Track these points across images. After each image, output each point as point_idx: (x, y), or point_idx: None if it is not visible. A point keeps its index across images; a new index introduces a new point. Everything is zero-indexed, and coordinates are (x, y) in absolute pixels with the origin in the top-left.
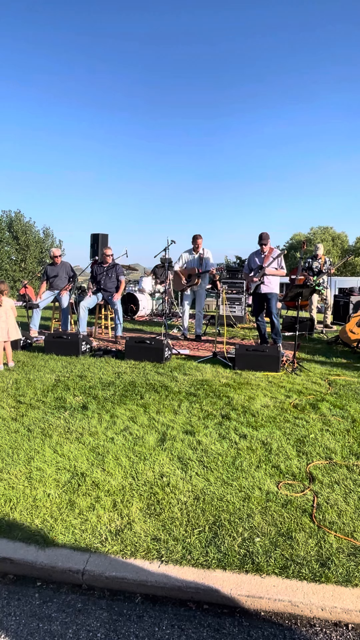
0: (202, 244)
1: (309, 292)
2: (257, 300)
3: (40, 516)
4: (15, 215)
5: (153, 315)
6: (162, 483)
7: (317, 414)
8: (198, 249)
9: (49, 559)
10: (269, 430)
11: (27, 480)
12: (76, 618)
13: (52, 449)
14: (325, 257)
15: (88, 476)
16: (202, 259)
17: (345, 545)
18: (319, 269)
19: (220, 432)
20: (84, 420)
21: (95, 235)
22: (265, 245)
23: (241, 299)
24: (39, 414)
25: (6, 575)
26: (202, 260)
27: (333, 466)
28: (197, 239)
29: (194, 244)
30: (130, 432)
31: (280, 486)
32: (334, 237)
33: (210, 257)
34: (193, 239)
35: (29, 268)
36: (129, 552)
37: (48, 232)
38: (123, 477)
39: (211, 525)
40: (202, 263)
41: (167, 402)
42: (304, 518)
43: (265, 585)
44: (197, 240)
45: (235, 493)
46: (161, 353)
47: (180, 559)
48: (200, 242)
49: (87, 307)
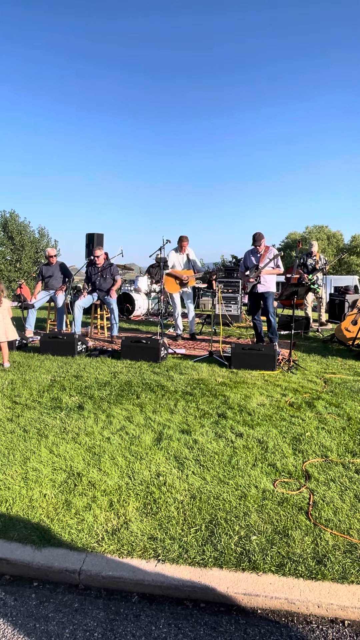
0: (187, 246)
1: (305, 291)
2: (254, 299)
3: (37, 516)
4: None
5: (149, 314)
6: (159, 482)
7: (313, 412)
8: (183, 250)
9: (45, 559)
10: (265, 428)
11: (23, 481)
12: (73, 618)
13: (48, 449)
14: (320, 255)
15: (84, 476)
16: (189, 260)
17: (341, 542)
18: (314, 266)
19: (216, 431)
20: (80, 420)
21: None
22: (260, 245)
23: (237, 298)
24: (35, 415)
25: (2, 576)
26: (189, 260)
27: (329, 464)
28: (182, 241)
29: (179, 245)
30: (127, 431)
31: (276, 484)
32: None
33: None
34: (179, 240)
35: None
36: (126, 551)
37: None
38: (119, 476)
39: (208, 524)
40: (190, 264)
41: (163, 401)
42: (300, 516)
43: (261, 583)
44: (181, 242)
45: (231, 491)
46: (157, 352)
47: (176, 558)
48: (185, 244)
49: (82, 306)
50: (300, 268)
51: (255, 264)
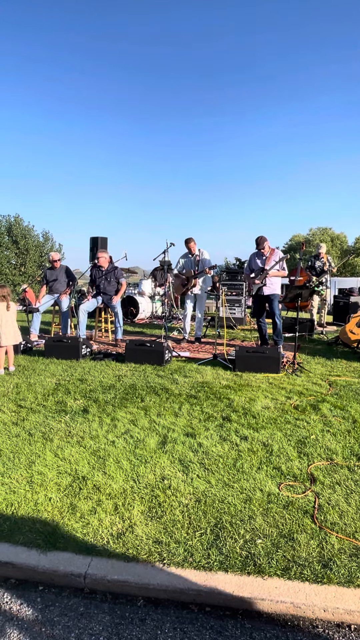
0: (195, 247)
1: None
2: (259, 301)
3: (42, 520)
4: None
5: (153, 317)
6: (164, 486)
7: (317, 415)
8: (192, 252)
9: (50, 563)
10: (269, 431)
11: (28, 485)
12: (78, 622)
13: (53, 453)
14: (328, 257)
15: (89, 480)
16: (198, 262)
17: (347, 546)
18: (322, 268)
19: (221, 434)
20: (85, 423)
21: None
22: (264, 248)
23: (241, 300)
24: (40, 418)
25: (8, 580)
26: (198, 262)
27: (334, 467)
28: (188, 242)
29: (187, 248)
30: (131, 435)
31: (281, 487)
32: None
33: (207, 258)
34: (185, 243)
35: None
36: (131, 555)
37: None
38: (124, 480)
39: (213, 528)
40: (198, 265)
41: (167, 404)
42: (305, 519)
43: (267, 586)
44: (188, 244)
45: (236, 495)
46: (161, 356)
47: (182, 562)
48: (192, 245)
49: (86, 310)
50: (308, 270)
51: (261, 266)
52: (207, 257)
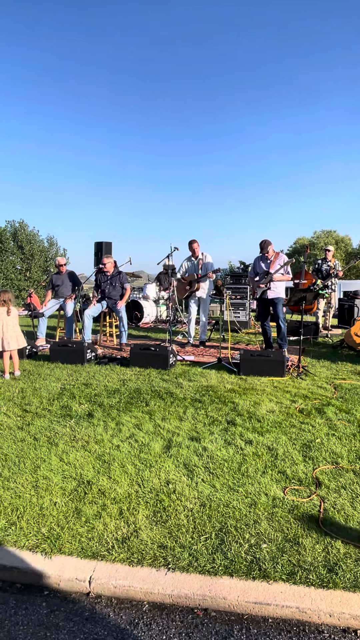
0: (199, 249)
1: (313, 297)
2: (263, 305)
3: (47, 525)
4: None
5: (157, 321)
6: (168, 490)
7: (323, 419)
8: (196, 254)
9: (56, 568)
10: (274, 435)
11: (33, 489)
12: (83, 627)
13: (58, 458)
14: (335, 260)
15: (94, 484)
16: (200, 265)
17: (353, 550)
18: (329, 271)
19: (225, 438)
20: (90, 428)
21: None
22: (268, 252)
23: (245, 304)
24: (45, 423)
25: (13, 584)
26: (200, 265)
27: (339, 471)
28: (191, 244)
29: (190, 249)
30: (136, 439)
31: (286, 492)
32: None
33: (210, 261)
34: (188, 245)
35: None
36: (136, 560)
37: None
38: (129, 484)
39: (218, 532)
40: (201, 268)
41: (172, 408)
42: (310, 523)
43: (272, 591)
44: (192, 245)
45: (241, 499)
46: (166, 360)
47: (187, 566)
48: (195, 247)
49: (91, 315)
50: (314, 273)
51: (266, 270)
52: (210, 260)
